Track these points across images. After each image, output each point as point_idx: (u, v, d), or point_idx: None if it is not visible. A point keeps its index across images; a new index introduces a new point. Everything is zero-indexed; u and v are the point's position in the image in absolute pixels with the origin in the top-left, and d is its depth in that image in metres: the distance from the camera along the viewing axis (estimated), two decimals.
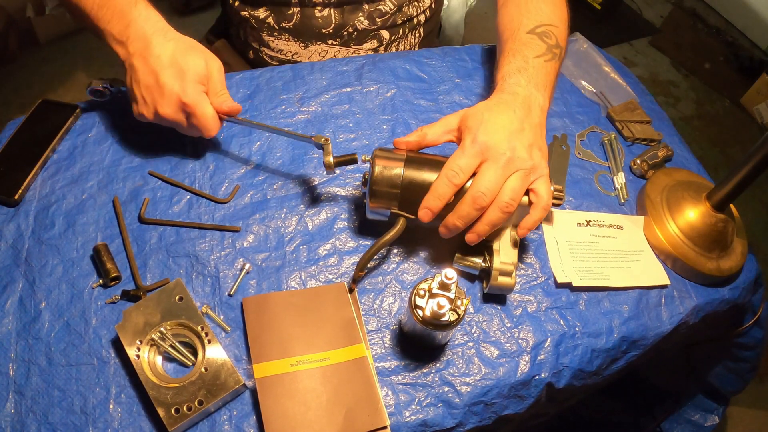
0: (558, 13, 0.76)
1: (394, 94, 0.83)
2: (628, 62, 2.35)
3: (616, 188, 0.79)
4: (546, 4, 0.76)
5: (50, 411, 0.55)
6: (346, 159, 0.65)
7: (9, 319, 0.60)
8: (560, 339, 0.64)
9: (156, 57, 0.66)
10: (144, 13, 0.68)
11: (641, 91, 0.92)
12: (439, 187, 0.59)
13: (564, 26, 0.76)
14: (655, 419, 1.06)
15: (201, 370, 0.57)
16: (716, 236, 0.72)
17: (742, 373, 0.92)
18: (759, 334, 0.85)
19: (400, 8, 0.93)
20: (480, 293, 0.67)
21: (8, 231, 0.66)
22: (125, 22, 0.68)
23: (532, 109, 0.64)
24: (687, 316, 0.69)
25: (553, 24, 0.73)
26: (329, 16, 0.90)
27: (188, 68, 0.66)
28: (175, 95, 0.65)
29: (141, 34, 0.67)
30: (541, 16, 0.74)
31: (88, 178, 0.71)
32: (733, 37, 2.50)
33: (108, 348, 0.59)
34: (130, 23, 0.67)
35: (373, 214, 0.64)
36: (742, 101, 2.27)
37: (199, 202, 0.70)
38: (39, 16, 2.01)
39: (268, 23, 0.91)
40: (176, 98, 0.66)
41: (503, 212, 0.59)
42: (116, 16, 0.68)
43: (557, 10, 0.76)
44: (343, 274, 0.66)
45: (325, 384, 0.57)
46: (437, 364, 0.62)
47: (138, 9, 0.68)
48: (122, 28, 0.68)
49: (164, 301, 0.60)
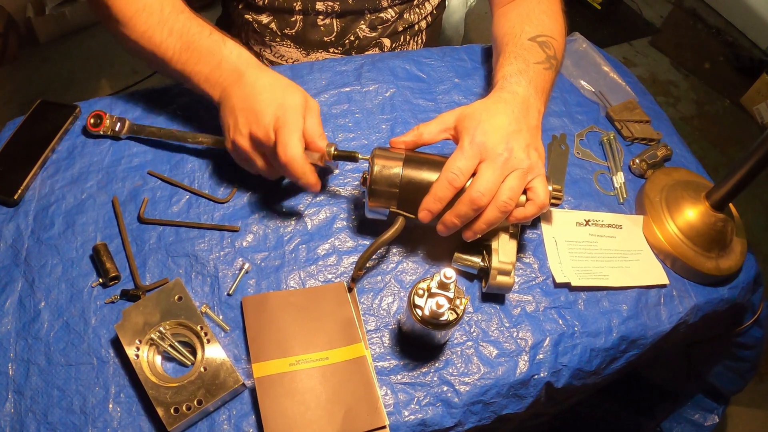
0: (558, 27, 0.77)
1: (394, 94, 0.83)
2: (628, 62, 2.35)
3: (615, 188, 0.79)
4: (548, 16, 0.77)
5: (50, 410, 0.55)
6: (346, 154, 0.65)
7: (8, 319, 0.60)
8: (559, 338, 0.64)
9: (252, 84, 0.63)
10: (236, 51, 0.66)
11: (640, 90, 0.92)
12: (439, 189, 0.60)
13: (562, 40, 0.77)
14: (655, 419, 1.06)
15: (200, 369, 0.57)
16: (715, 236, 0.72)
17: (742, 372, 0.92)
18: (758, 333, 0.85)
19: (401, 15, 0.93)
20: (479, 293, 0.67)
21: (8, 231, 0.66)
22: (216, 61, 0.65)
23: (530, 110, 0.64)
24: (686, 316, 0.69)
25: (552, 36, 0.74)
26: (331, 24, 0.90)
27: (286, 94, 0.63)
28: (273, 112, 0.62)
29: (234, 68, 0.65)
30: (542, 26, 0.75)
31: (88, 178, 0.71)
32: (733, 37, 2.50)
33: (107, 347, 0.59)
34: (222, 60, 0.65)
35: (372, 213, 0.64)
36: (742, 101, 2.26)
37: (198, 201, 0.70)
38: (39, 16, 2.01)
39: (270, 28, 0.91)
40: (273, 115, 0.62)
41: (501, 211, 0.59)
42: (204, 56, 0.66)
43: (557, 24, 0.77)
44: (342, 273, 0.67)
45: (324, 383, 0.57)
46: (436, 364, 0.62)
47: (228, 47, 0.66)
48: (213, 66, 0.65)
49: (163, 300, 0.60)
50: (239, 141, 0.64)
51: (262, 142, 0.62)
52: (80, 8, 2.07)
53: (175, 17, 0.68)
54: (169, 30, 0.67)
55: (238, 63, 0.65)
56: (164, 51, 0.68)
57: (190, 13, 0.69)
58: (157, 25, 0.68)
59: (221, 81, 0.65)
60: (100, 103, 0.78)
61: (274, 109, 0.62)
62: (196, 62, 0.66)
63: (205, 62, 0.66)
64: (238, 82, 0.64)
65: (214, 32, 0.68)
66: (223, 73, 0.65)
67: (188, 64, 0.67)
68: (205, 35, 0.67)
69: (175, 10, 0.69)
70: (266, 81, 0.64)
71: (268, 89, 0.63)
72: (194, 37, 0.67)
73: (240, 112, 0.63)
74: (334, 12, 0.89)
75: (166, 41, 0.67)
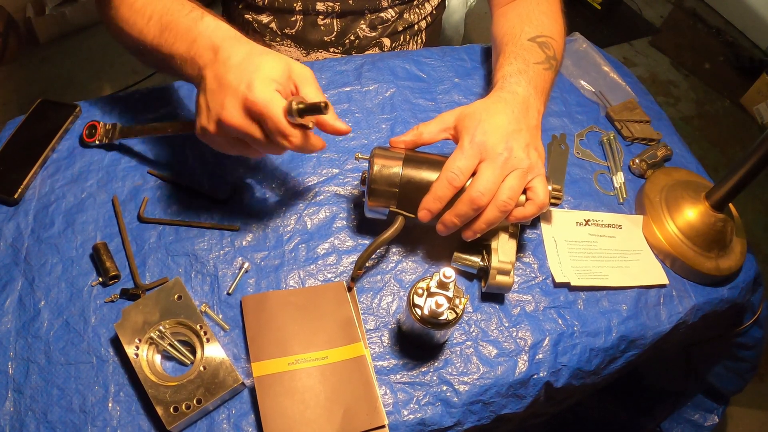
0: (557, 28, 0.77)
1: (393, 94, 0.83)
2: (628, 62, 2.35)
3: (615, 188, 0.79)
4: (547, 17, 0.76)
5: (49, 409, 0.55)
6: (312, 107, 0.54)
7: (8, 318, 0.60)
8: (559, 338, 0.64)
9: (224, 60, 0.56)
10: (212, 24, 0.59)
11: (640, 90, 0.92)
12: (438, 189, 0.60)
13: (561, 41, 0.77)
14: (655, 419, 1.06)
15: (200, 368, 0.57)
16: (715, 236, 0.72)
17: (742, 372, 0.92)
18: (758, 333, 0.85)
19: (401, 15, 0.93)
20: (478, 292, 0.67)
21: (8, 230, 0.66)
22: (191, 37, 0.59)
23: (530, 110, 0.64)
24: (686, 316, 0.69)
25: (552, 37, 0.74)
26: (331, 24, 0.90)
27: (261, 66, 0.55)
28: (241, 93, 0.54)
29: (209, 44, 0.58)
30: (542, 27, 0.75)
31: (88, 178, 0.71)
32: (733, 37, 2.50)
33: (107, 346, 0.59)
34: (198, 36, 0.59)
35: (372, 212, 0.65)
36: (742, 101, 2.26)
37: (198, 201, 0.70)
38: (39, 16, 2.01)
39: (270, 28, 0.91)
40: (242, 96, 0.54)
41: (501, 211, 0.59)
42: (181, 35, 0.60)
43: (556, 24, 0.77)
44: (341, 272, 0.67)
45: (323, 383, 0.57)
46: (435, 363, 0.62)
47: (205, 22, 0.60)
48: (189, 44, 0.59)
49: (163, 299, 0.60)
50: (208, 128, 0.57)
51: (233, 125, 0.55)
52: (80, 8, 2.07)
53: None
54: (150, 13, 0.63)
55: (213, 37, 0.58)
56: (145, 36, 0.63)
57: None
58: (140, 10, 0.64)
59: (197, 59, 0.58)
60: (99, 102, 0.78)
61: (244, 85, 0.54)
62: (173, 43, 0.60)
63: (181, 41, 0.60)
64: (213, 59, 0.57)
65: (195, 9, 0.62)
66: (199, 49, 0.58)
67: (165, 46, 0.61)
68: (184, 14, 0.61)
69: None
70: (240, 55, 0.56)
71: (238, 66, 0.55)
72: (173, 17, 0.61)
73: (210, 94, 0.56)
74: (334, 12, 0.89)
75: (146, 26, 0.63)
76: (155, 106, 0.78)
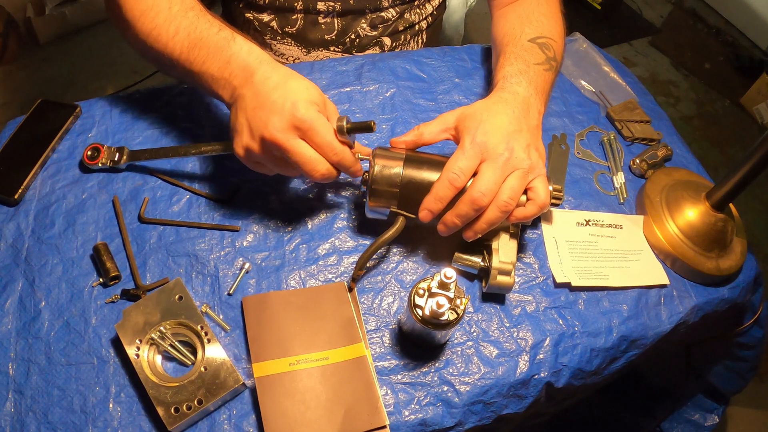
0: (557, 29, 0.77)
1: (394, 94, 0.83)
2: (628, 62, 2.35)
3: (616, 188, 0.79)
4: (547, 18, 0.76)
5: (50, 410, 0.55)
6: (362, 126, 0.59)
7: (9, 319, 0.60)
8: (559, 338, 0.64)
9: (263, 81, 0.58)
10: (246, 47, 0.61)
11: (641, 90, 0.92)
12: (439, 189, 0.60)
13: (561, 42, 0.77)
14: (655, 419, 1.06)
15: (200, 369, 0.57)
16: (715, 236, 0.72)
17: (742, 372, 0.92)
18: (759, 333, 0.85)
19: (402, 15, 0.93)
20: (479, 293, 0.67)
21: (8, 230, 0.66)
22: (225, 58, 0.61)
23: (531, 110, 0.64)
24: (686, 316, 0.69)
25: (552, 38, 0.74)
26: (332, 23, 0.90)
27: (301, 89, 0.58)
28: (288, 111, 0.56)
29: (244, 65, 0.59)
30: (542, 28, 0.75)
31: (88, 178, 0.71)
32: (733, 37, 2.50)
33: (108, 347, 0.59)
34: (231, 57, 0.60)
35: (373, 213, 0.64)
36: (742, 101, 2.27)
37: (198, 201, 0.70)
38: (39, 16, 2.01)
39: (271, 27, 0.91)
40: (288, 114, 0.56)
41: (501, 211, 0.59)
42: (213, 54, 0.61)
43: (556, 25, 0.77)
44: (342, 273, 0.67)
45: (324, 383, 0.57)
46: (436, 364, 0.62)
47: (237, 43, 0.61)
48: (222, 64, 0.61)
49: (164, 300, 0.60)
50: (251, 146, 0.59)
51: (278, 141, 0.57)
52: (80, 8, 2.07)
53: (183, 14, 0.64)
54: (176, 28, 0.64)
55: (249, 60, 0.60)
56: (171, 50, 0.64)
57: (199, 10, 0.65)
58: (164, 24, 0.64)
59: (231, 80, 0.60)
60: (99, 102, 0.78)
61: (290, 104, 0.56)
62: (203, 61, 0.62)
63: (213, 60, 0.61)
64: (250, 80, 0.59)
65: (224, 28, 0.63)
66: (234, 70, 0.60)
67: (195, 64, 0.62)
68: (213, 32, 0.62)
69: (183, 8, 0.65)
70: (278, 77, 0.58)
71: (278, 87, 0.58)
72: (202, 34, 0.63)
73: (251, 112, 0.58)
74: (335, 11, 0.89)
75: (173, 40, 0.64)
76: (156, 106, 0.78)
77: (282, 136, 0.57)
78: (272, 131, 0.56)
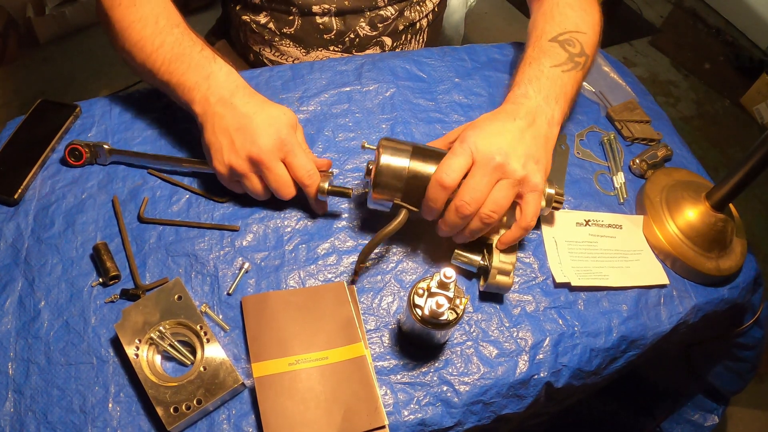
0: (587, 19, 0.74)
1: (394, 94, 0.83)
2: (628, 62, 2.35)
3: (616, 188, 0.79)
4: (573, 9, 0.74)
5: (49, 410, 0.55)
6: (341, 190, 0.66)
7: (8, 318, 0.60)
8: (559, 338, 0.64)
9: (243, 104, 0.63)
10: (225, 69, 0.66)
11: (641, 90, 0.92)
12: (431, 191, 0.59)
13: (593, 32, 0.74)
14: (655, 419, 1.06)
15: (200, 369, 0.57)
16: (715, 236, 0.72)
17: (742, 372, 0.92)
18: (759, 333, 0.85)
19: (401, 13, 0.93)
20: (478, 292, 0.67)
21: (8, 230, 0.66)
22: (204, 74, 0.65)
23: (537, 119, 0.63)
24: (686, 316, 0.69)
25: (578, 30, 0.72)
26: (330, 22, 0.90)
27: (281, 115, 0.64)
28: (274, 134, 0.62)
29: (223, 85, 0.64)
30: (565, 23, 0.72)
31: (88, 178, 0.71)
32: (733, 37, 2.50)
33: (107, 347, 0.59)
34: (210, 75, 0.65)
35: (375, 204, 0.64)
36: (742, 101, 2.27)
37: (198, 201, 0.70)
38: (39, 16, 2.01)
39: (269, 28, 0.91)
40: (275, 136, 0.62)
41: (483, 223, 0.59)
42: (193, 69, 0.66)
43: (586, 16, 0.74)
44: (342, 273, 0.67)
45: (324, 383, 0.57)
46: (436, 364, 0.62)
47: (218, 64, 0.66)
48: (200, 79, 0.65)
49: (163, 300, 0.60)
50: (233, 161, 0.63)
51: (263, 163, 0.62)
52: (80, 8, 2.07)
53: (169, 30, 0.68)
54: (161, 41, 0.67)
55: (228, 81, 0.65)
56: (153, 61, 0.67)
57: (184, 28, 0.69)
58: (150, 36, 0.68)
59: (207, 95, 0.64)
60: (99, 102, 0.78)
61: (274, 129, 0.62)
62: (182, 73, 0.66)
63: (191, 74, 0.65)
64: (228, 101, 0.63)
65: (206, 48, 0.68)
66: (211, 87, 0.64)
67: (175, 75, 0.66)
68: (197, 50, 0.67)
69: (169, 24, 0.69)
70: (258, 101, 0.64)
71: (263, 111, 0.63)
72: (185, 50, 0.67)
73: (236, 131, 0.62)
74: (330, 11, 0.88)
75: (156, 51, 0.67)
76: (156, 106, 0.78)
77: (267, 156, 0.62)
78: (259, 151, 0.61)
